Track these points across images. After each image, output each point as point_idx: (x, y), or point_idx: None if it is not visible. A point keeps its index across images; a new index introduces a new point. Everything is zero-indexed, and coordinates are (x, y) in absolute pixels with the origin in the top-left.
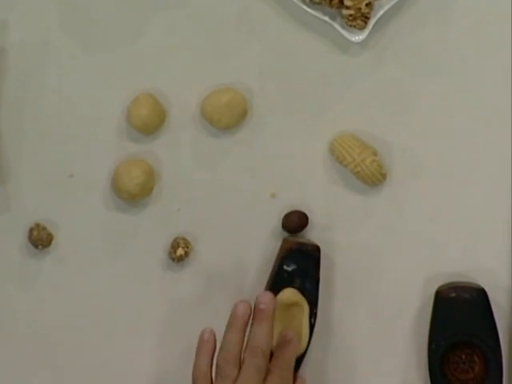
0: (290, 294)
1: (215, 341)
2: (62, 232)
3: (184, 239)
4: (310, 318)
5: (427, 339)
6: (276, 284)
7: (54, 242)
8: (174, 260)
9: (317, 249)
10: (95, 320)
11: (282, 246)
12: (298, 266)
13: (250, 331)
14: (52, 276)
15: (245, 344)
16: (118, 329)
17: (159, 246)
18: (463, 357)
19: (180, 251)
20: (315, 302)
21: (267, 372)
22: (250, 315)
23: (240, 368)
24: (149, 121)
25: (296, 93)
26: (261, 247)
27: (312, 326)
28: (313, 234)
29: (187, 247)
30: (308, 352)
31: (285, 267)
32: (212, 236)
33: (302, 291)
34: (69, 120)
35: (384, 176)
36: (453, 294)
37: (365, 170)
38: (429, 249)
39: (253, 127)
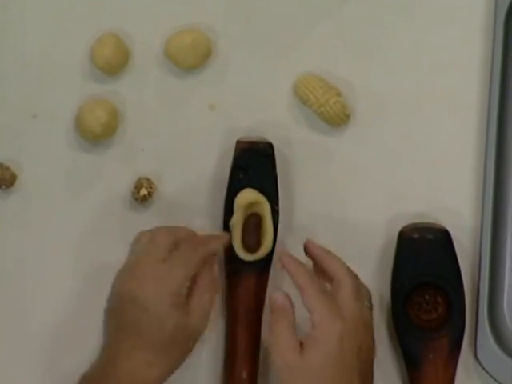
0: (248, 193)
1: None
2: (25, 172)
3: (147, 179)
4: (273, 215)
5: (390, 280)
6: (234, 186)
7: (17, 182)
8: (137, 200)
9: (270, 146)
10: (58, 259)
11: (235, 148)
12: (253, 164)
13: None
14: (15, 216)
15: None
16: (81, 268)
17: (123, 187)
18: (426, 297)
19: (143, 191)
20: (275, 199)
21: None
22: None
23: None
24: (112, 61)
25: (260, 33)
26: (225, 187)
27: (276, 224)
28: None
29: (151, 187)
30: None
31: (239, 167)
32: (176, 176)
33: (261, 190)
34: (32, 60)
35: (348, 117)
36: (416, 235)
37: (328, 111)
38: (392, 190)
39: (217, 68)
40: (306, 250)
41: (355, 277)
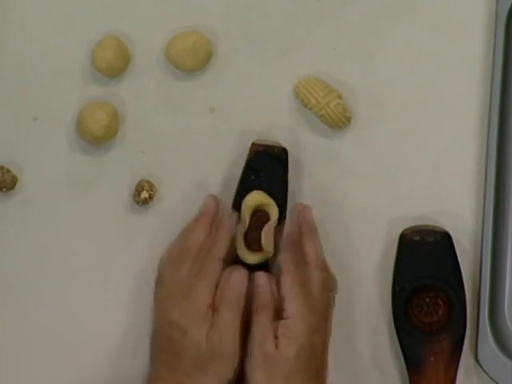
0: (257, 195)
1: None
2: (26, 175)
3: (148, 182)
4: (279, 221)
5: (391, 283)
6: (244, 187)
7: (18, 185)
8: (138, 203)
9: (284, 151)
10: (60, 262)
11: (249, 150)
12: (265, 168)
13: None
14: (16, 219)
15: None
16: (82, 271)
17: (124, 189)
18: (427, 300)
19: (144, 194)
20: (284, 205)
21: None
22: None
23: None
24: (113, 63)
25: (261, 35)
26: (224, 190)
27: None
28: None
29: (151, 190)
30: None
31: (252, 170)
32: (176, 178)
33: (271, 194)
34: (33, 62)
35: (349, 119)
36: (417, 238)
37: (329, 114)
38: (393, 192)
39: (218, 70)
40: (297, 216)
41: (323, 268)
